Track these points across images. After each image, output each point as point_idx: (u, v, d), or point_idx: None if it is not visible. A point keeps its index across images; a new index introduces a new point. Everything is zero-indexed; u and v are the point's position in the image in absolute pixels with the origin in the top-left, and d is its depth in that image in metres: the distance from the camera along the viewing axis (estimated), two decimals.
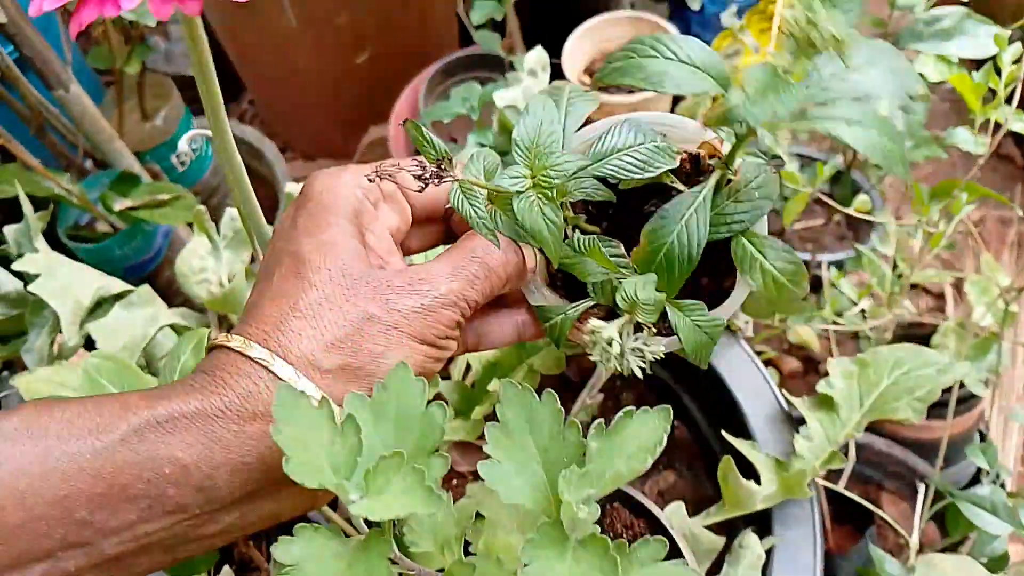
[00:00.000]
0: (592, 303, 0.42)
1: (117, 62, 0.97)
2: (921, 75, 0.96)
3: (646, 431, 0.31)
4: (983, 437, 1.16)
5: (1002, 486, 0.75)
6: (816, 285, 1.34)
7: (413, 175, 0.37)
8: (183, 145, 0.46)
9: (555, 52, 1.07)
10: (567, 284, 0.43)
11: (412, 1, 1.46)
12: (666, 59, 0.37)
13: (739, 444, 0.57)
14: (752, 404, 0.61)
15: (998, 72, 0.75)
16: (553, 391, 0.33)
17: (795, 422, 0.59)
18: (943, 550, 0.83)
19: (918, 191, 1.08)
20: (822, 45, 0.33)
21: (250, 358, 0.35)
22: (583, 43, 1.05)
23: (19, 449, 0.32)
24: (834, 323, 0.78)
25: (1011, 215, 1.70)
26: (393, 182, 0.41)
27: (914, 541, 0.74)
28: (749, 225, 0.40)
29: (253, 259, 0.66)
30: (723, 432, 0.57)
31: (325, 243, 0.37)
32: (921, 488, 0.81)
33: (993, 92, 0.77)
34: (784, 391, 0.60)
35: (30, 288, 0.63)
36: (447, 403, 0.59)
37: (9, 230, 0.73)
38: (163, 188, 0.95)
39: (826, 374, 1.27)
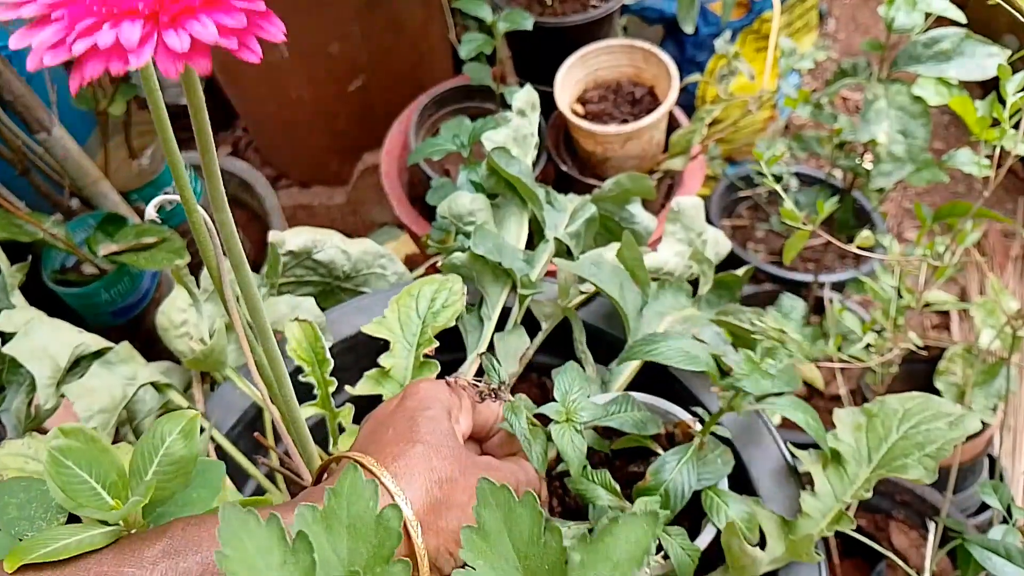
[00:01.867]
0: (589, 527, 0.52)
1: (101, 103, 0.95)
2: (921, 98, 0.94)
3: (632, 538, 0.29)
4: (992, 462, 1.13)
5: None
6: (819, 307, 1.31)
7: (479, 391, 0.55)
8: (151, 212, 0.44)
9: (546, 80, 1.05)
10: (563, 513, 0.57)
11: (405, 29, 1.45)
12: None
13: (743, 501, 0.54)
14: (756, 456, 0.58)
15: (1002, 101, 0.73)
16: (534, 492, 0.31)
17: (800, 475, 0.57)
18: None
19: (920, 212, 1.06)
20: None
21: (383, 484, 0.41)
22: (575, 71, 1.03)
23: None
24: (840, 360, 0.76)
25: (1014, 228, 1.68)
26: (464, 391, 0.54)
27: None
28: (715, 482, 0.53)
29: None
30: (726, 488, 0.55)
31: (431, 417, 0.48)
32: (932, 528, 0.78)
33: (996, 121, 0.74)
34: (790, 444, 0.58)
35: (5, 349, 0.61)
36: None
37: None
38: (149, 230, 0.92)
39: (830, 399, 1.25)
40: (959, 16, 0.91)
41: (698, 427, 0.55)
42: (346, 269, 0.70)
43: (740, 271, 0.70)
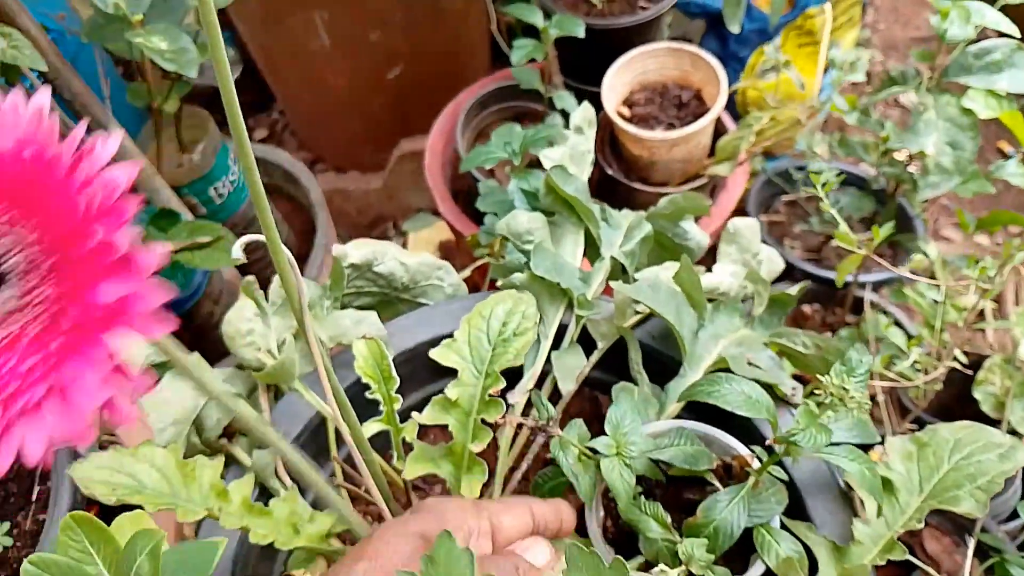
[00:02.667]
0: (642, 559, 0.55)
1: (156, 100, 0.97)
2: (970, 110, 0.94)
3: None
4: None
5: None
6: (858, 307, 1.32)
7: (528, 426, 0.55)
8: (237, 251, 0.46)
9: (591, 79, 1.06)
10: (617, 542, 0.57)
11: (445, 18, 1.45)
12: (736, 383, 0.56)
13: (795, 526, 0.56)
14: (809, 482, 0.60)
15: None
16: (623, 559, 0.32)
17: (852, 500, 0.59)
18: None
19: (963, 220, 1.06)
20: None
21: None
22: (622, 75, 1.04)
23: None
24: (883, 376, 0.77)
25: None
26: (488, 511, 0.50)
27: None
28: (767, 520, 0.54)
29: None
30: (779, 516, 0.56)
31: None
32: (969, 543, 0.80)
33: None
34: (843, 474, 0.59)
35: None
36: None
37: None
38: (203, 228, 0.94)
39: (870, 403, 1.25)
40: (1012, 29, 0.91)
41: (755, 464, 0.56)
42: (404, 281, 0.72)
43: (793, 290, 0.71)
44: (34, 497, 0.76)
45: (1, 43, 0.71)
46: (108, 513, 0.79)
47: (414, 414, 0.59)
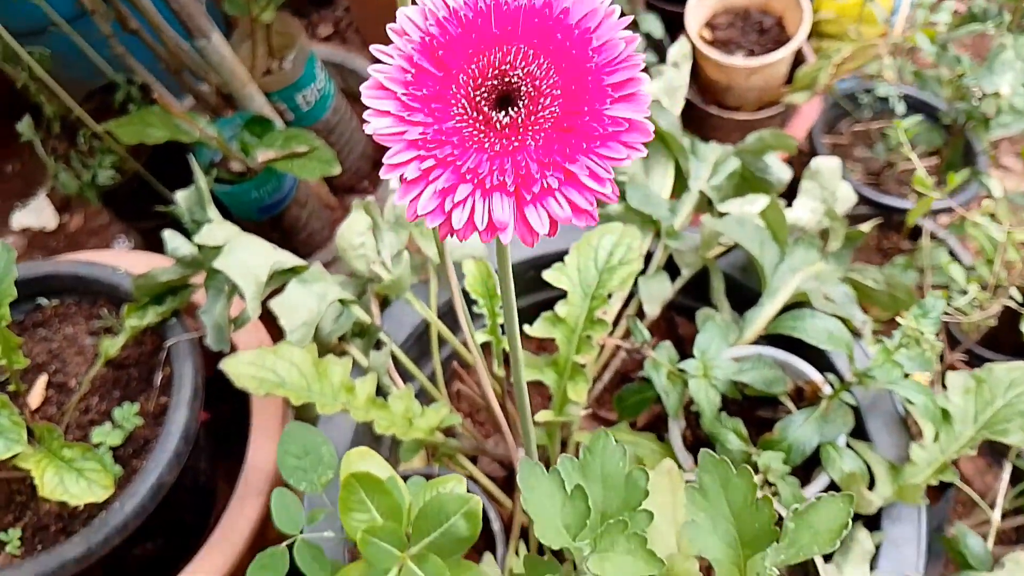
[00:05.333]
0: None
1: (254, 10, 1.01)
2: None
3: (832, 515, 0.38)
4: None
5: None
6: (915, 233, 1.35)
7: (625, 348, 0.65)
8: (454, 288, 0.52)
9: None
10: (694, 449, 0.65)
11: None
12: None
13: (857, 445, 0.63)
14: (869, 403, 0.66)
15: None
16: (749, 467, 0.39)
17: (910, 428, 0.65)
18: None
19: None
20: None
21: None
22: None
23: None
24: (945, 314, 0.82)
25: None
26: None
27: (995, 518, 0.80)
28: (833, 439, 0.61)
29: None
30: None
31: None
32: (1006, 467, 0.86)
33: None
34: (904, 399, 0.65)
35: (215, 265, 0.69)
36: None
37: (181, 196, 0.80)
38: (297, 137, 0.99)
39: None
40: None
41: (827, 389, 0.62)
42: None
43: (865, 227, 0.75)
44: (156, 383, 0.84)
45: None
46: (210, 401, 0.87)
47: (526, 326, 0.66)
